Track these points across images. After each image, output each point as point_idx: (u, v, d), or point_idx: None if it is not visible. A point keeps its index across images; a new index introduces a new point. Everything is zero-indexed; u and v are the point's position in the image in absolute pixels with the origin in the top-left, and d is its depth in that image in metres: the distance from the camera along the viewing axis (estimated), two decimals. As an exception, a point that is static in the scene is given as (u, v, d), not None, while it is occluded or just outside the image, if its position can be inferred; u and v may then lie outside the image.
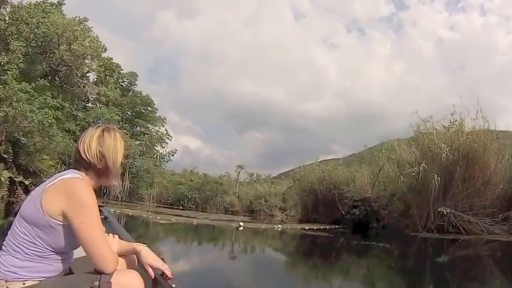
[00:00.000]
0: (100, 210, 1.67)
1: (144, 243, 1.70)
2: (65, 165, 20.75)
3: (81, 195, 1.39)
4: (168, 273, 1.63)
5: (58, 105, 17.04)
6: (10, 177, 13.91)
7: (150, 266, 1.61)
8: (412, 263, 8.73)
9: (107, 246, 1.44)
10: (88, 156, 1.50)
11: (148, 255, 1.64)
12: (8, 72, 15.23)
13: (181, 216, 19.10)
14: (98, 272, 1.41)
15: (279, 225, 17.20)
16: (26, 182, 14.17)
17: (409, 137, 21.94)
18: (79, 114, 27.64)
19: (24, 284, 1.38)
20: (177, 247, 8.74)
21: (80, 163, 1.52)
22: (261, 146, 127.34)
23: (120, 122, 34.17)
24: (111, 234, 1.74)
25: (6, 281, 1.37)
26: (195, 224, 14.69)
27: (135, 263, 1.70)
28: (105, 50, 24.59)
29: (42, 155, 15.72)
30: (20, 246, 1.39)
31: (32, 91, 15.80)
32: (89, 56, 22.10)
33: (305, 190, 24.83)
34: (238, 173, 50.84)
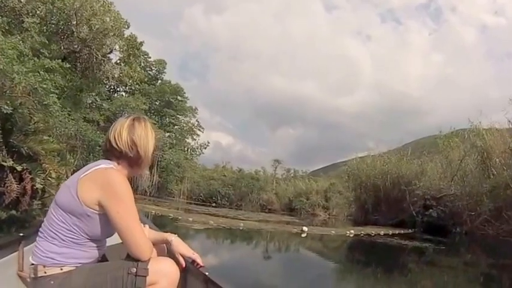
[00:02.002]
0: None
1: (174, 233, 1.70)
2: (75, 152, 18.07)
3: (116, 185, 1.38)
4: (200, 261, 1.67)
5: (58, 66, 13.83)
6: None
7: (181, 255, 1.68)
8: None
9: (143, 235, 1.45)
10: (119, 145, 1.48)
11: (180, 245, 1.71)
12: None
13: (217, 216, 16.00)
14: (134, 259, 1.42)
15: (351, 230, 13.80)
16: (19, 168, 10.93)
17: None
18: (104, 104, 25.25)
19: (61, 269, 1.38)
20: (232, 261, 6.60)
21: (111, 153, 1.50)
22: (293, 142, 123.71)
23: (148, 113, 31.60)
24: (141, 224, 1.59)
25: (44, 266, 1.38)
26: (241, 228, 11.49)
27: (165, 252, 1.75)
28: (128, 27, 21.93)
29: (43, 136, 12.45)
30: (57, 233, 1.38)
31: (26, 50, 12.90)
32: (110, 34, 19.34)
33: (362, 186, 20.93)
34: (275, 168, 47.32)
